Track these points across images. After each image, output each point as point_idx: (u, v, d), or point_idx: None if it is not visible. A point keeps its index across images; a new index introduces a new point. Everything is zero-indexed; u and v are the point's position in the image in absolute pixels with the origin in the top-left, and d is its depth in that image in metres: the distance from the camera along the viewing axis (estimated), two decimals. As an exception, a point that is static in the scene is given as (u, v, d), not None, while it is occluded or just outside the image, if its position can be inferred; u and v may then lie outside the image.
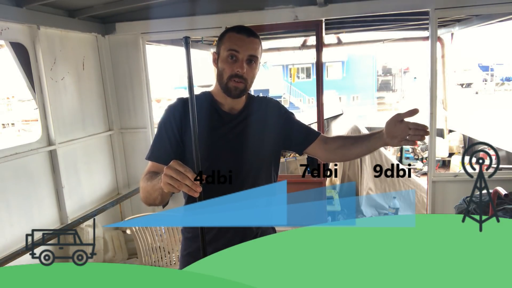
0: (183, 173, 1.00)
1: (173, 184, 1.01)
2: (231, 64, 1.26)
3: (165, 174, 1.02)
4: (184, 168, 1.01)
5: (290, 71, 18.21)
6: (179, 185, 1.01)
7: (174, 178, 1.00)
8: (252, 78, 1.31)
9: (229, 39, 1.27)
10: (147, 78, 3.55)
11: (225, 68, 1.27)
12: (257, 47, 1.28)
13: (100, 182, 3.48)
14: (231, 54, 1.25)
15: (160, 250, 2.52)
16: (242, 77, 1.26)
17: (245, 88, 1.29)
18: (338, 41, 5.55)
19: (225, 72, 1.27)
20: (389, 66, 28.17)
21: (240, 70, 1.25)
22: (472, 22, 4.08)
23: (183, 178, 1.00)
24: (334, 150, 1.39)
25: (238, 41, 1.25)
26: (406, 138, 1.19)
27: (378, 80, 26.43)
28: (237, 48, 1.25)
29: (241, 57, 1.25)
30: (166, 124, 1.31)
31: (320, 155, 1.44)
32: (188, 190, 1.01)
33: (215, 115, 1.33)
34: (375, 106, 23.35)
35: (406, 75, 28.80)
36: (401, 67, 28.06)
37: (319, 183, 3.46)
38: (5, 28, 2.53)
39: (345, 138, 1.41)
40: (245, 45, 1.25)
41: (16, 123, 17.56)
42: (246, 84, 1.29)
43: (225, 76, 1.27)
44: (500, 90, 27.40)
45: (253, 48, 1.26)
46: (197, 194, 1.02)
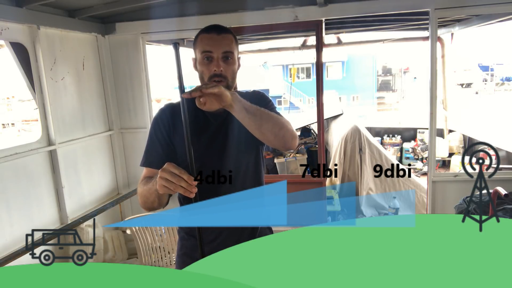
0: (178, 175, 1.02)
1: (168, 186, 1.03)
2: (208, 65, 1.25)
3: (160, 177, 1.04)
4: (179, 170, 1.03)
5: (290, 71, 18.22)
6: (175, 187, 1.02)
7: (169, 180, 1.02)
8: (233, 74, 1.29)
9: (201, 41, 1.26)
10: (147, 78, 3.55)
11: (203, 70, 1.26)
12: (230, 42, 1.27)
13: (100, 182, 3.48)
14: (206, 55, 1.25)
15: (160, 250, 2.52)
16: (221, 75, 1.25)
17: (226, 86, 1.27)
18: (338, 41, 5.56)
19: (204, 74, 1.27)
20: (389, 66, 28.16)
21: (217, 69, 1.24)
22: (472, 22, 4.08)
23: (178, 180, 1.02)
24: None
25: (210, 41, 1.24)
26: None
27: (378, 80, 26.43)
28: (210, 48, 1.24)
29: (216, 56, 1.24)
30: (156, 129, 1.32)
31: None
32: (183, 191, 1.03)
33: (201, 116, 1.32)
34: (375, 106, 23.34)
35: (406, 75, 28.79)
36: (401, 67, 28.05)
37: (319, 183, 3.46)
38: (5, 28, 2.53)
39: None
40: (217, 43, 1.24)
41: (16, 123, 17.57)
42: (227, 81, 1.27)
43: (205, 78, 1.27)
44: (500, 90, 27.40)
45: (226, 44, 1.25)
46: (192, 194, 1.03)
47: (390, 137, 6.89)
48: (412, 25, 4.52)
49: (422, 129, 6.60)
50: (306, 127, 6.03)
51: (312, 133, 5.92)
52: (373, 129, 6.69)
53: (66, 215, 2.98)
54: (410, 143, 6.77)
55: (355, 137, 4.49)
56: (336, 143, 4.78)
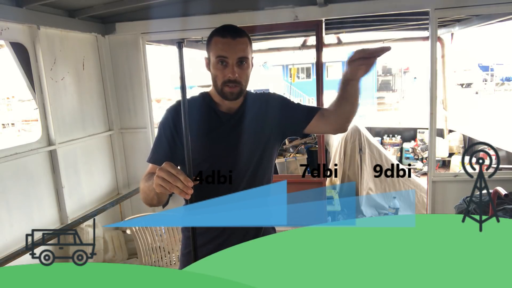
0: (175, 175, 1.01)
1: (164, 186, 1.02)
2: (222, 69, 1.24)
3: (157, 176, 1.03)
4: (176, 170, 1.02)
5: (290, 71, 18.21)
6: (171, 187, 1.02)
7: (166, 180, 1.01)
8: (247, 78, 1.29)
9: (216, 45, 1.24)
10: (147, 78, 3.55)
11: (217, 74, 1.26)
12: (245, 47, 1.25)
13: (100, 182, 3.48)
14: (220, 59, 1.23)
15: (160, 250, 2.52)
16: (235, 81, 1.24)
17: (240, 90, 1.28)
18: (338, 41, 5.55)
19: (218, 78, 1.26)
20: (389, 66, 28.13)
21: (231, 76, 1.23)
22: (472, 22, 4.08)
23: (175, 180, 1.01)
24: (332, 117, 1.35)
25: (225, 46, 1.23)
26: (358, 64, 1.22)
27: (378, 80, 26.40)
28: (225, 53, 1.22)
29: (231, 62, 1.23)
30: (165, 126, 1.32)
31: (325, 129, 1.42)
32: (179, 192, 1.02)
33: (213, 115, 1.33)
34: (375, 106, 23.33)
35: (406, 75, 28.76)
36: (401, 67, 28.03)
37: (319, 183, 3.46)
38: (5, 28, 2.53)
39: (333, 102, 1.36)
40: (232, 49, 1.22)
41: (16, 123, 17.55)
42: (241, 86, 1.27)
43: (218, 82, 1.26)
44: (500, 90, 27.37)
45: (241, 49, 1.23)
46: (188, 196, 1.02)
47: (390, 137, 6.89)
48: (412, 25, 4.52)
49: (422, 129, 6.60)
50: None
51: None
52: (373, 129, 6.68)
53: (66, 215, 2.98)
54: (410, 143, 6.77)
55: (355, 137, 4.49)
56: (336, 143, 4.78)
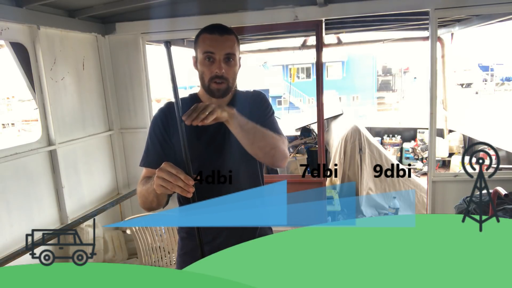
0: (175, 174, 1.02)
1: (165, 186, 1.02)
2: (209, 66, 1.25)
3: (157, 176, 1.04)
4: (176, 169, 1.02)
5: (290, 71, 18.24)
6: (172, 187, 1.02)
7: (167, 180, 1.02)
8: (234, 76, 1.29)
9: (203, 41, 1.25)
10: (147, 78, 3.55)
11: (204, 70, 1.26)
12: (232, 44, 1.26)
13: (100, 182, 3.48)
14: (207, 56, 1.24)
15: (160, 250, 2.52)
16: (222, 77, 1.25)
17: (227, 87, 1.28)
18: (338, 41, 5.55)
19: (205, 75, 1.27)
20: (389, 66, 28.14)
21: (218, 71, 1.24)
22: (472, 22, 4.08)
23: (176, 180, 1.02)
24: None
25: (212, 42, 1.24)
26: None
27: (378, 80, 26.41)
28: (212, 49, 1.23)
29: (218, 58, 1.24)
30: (155, 129, 1.32)
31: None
32: (181, 191, 1.03)
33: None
34: (375, 106, 23.34)
35: (406, 75, 28.77)
36: (401, 67, 28.04)
37: (319, 183, 3.46)
38: (5, 28, 2.53)
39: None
40: (220, 45, 1.23)
41: (16, 123, 17.57)
42: (228, 83, 1.27)
43: (205, 79, 1.27)
44: (500, 90, 27.39)
45: (228, 46, 1.24)
46: (190, 194, 1.03)
47: (390, 137, 6.89)
48: (412, 25, 4.52)
49: (422, 129, 6.60)
50: (306, 127, 6.03)
51: (312, 133, 5.92)
52: (373, 129, 6.69)
53: (66, 215, 2.98)
54: (410, 143, 6.77)
55: (355, 137, 4.49)
56: (336, 143, 4.78)
